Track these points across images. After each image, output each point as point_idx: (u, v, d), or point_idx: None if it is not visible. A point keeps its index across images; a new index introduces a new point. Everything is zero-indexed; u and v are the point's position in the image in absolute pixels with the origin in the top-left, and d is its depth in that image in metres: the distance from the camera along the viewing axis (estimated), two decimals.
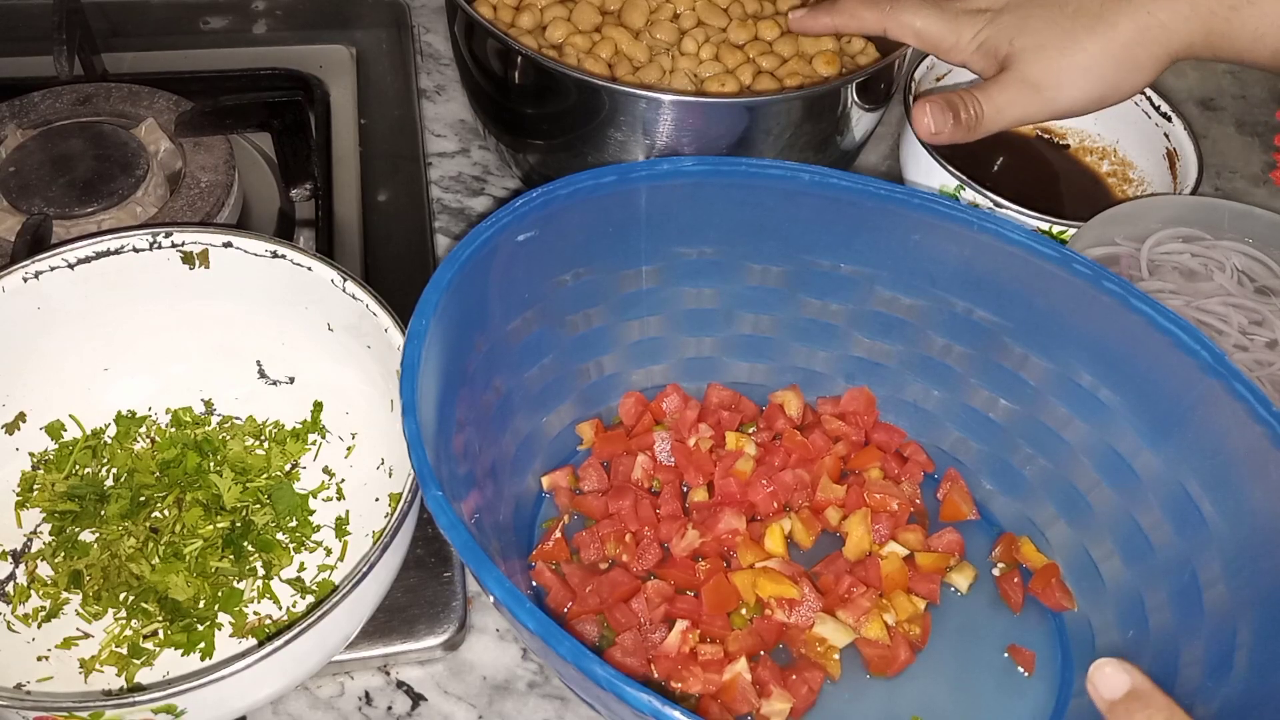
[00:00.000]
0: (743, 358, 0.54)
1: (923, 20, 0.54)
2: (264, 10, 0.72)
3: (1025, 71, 0.52)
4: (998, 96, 0.52)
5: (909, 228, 0.48)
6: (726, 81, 0.61)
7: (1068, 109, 0.53)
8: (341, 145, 0.64)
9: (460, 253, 0.42)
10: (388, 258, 0.60)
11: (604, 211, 0.47)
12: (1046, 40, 0.51)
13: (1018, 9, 0.53)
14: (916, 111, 0.54)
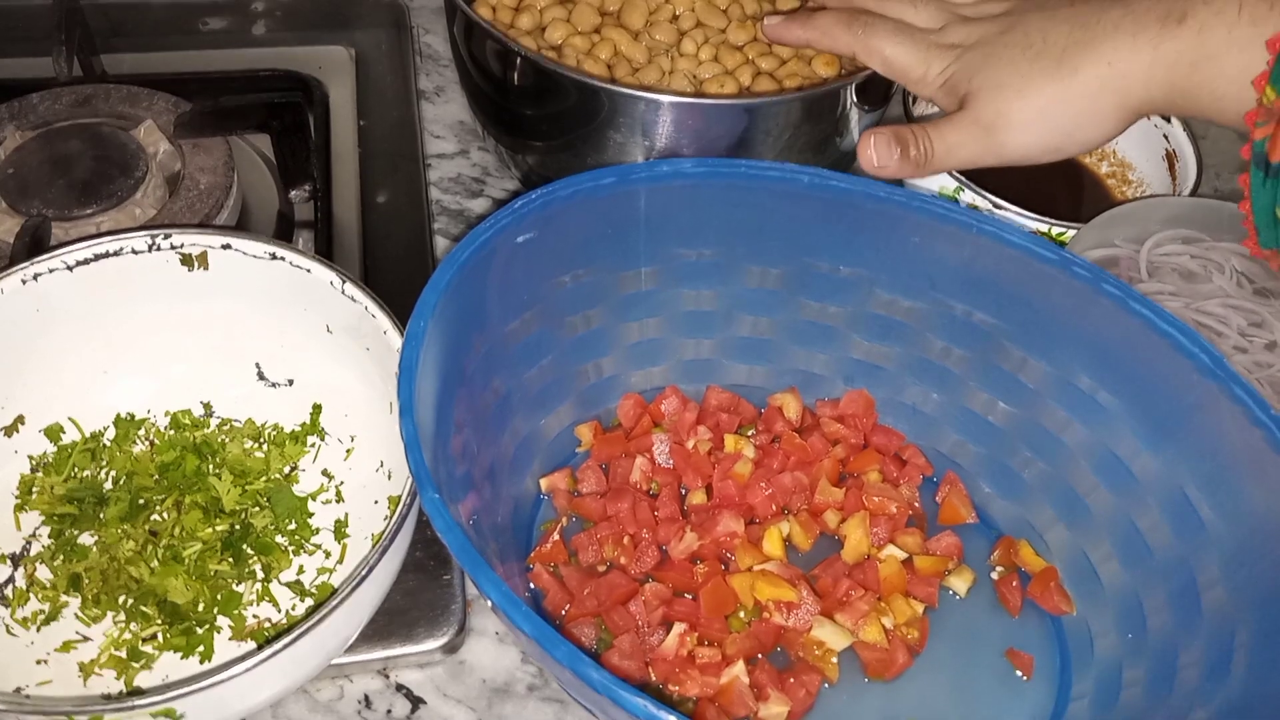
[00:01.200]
0: (742, 360, 0.54)
1: (893, 48, 0.53)
2: (263, 11, 0.72)
3: (980, 112, 0.50)
4: (949, 134, 0.51)
5: (908, 230, 0.48)
6: (725, 83, 0.61)
7: (1019, 155, 0.51)
8: (341, 146, 0.64)
9: (459, 254, 0.42)
10: (387, 259, 0.60)
11: (603, 213, 0.47)
12: (1004, 81, 0.49)
13: (984, 47, 0.51)
14: (862, 143, 0.52)
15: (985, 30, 0.51)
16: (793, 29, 0.56)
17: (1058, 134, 0.49)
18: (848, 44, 0.54)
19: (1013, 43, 0.50)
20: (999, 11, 0.53)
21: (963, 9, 0.54)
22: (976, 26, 0.52)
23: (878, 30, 0.53)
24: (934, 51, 0.52)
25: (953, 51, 0.52)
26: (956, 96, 0.51)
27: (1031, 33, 0.50)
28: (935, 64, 0.52)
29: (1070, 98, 0.48)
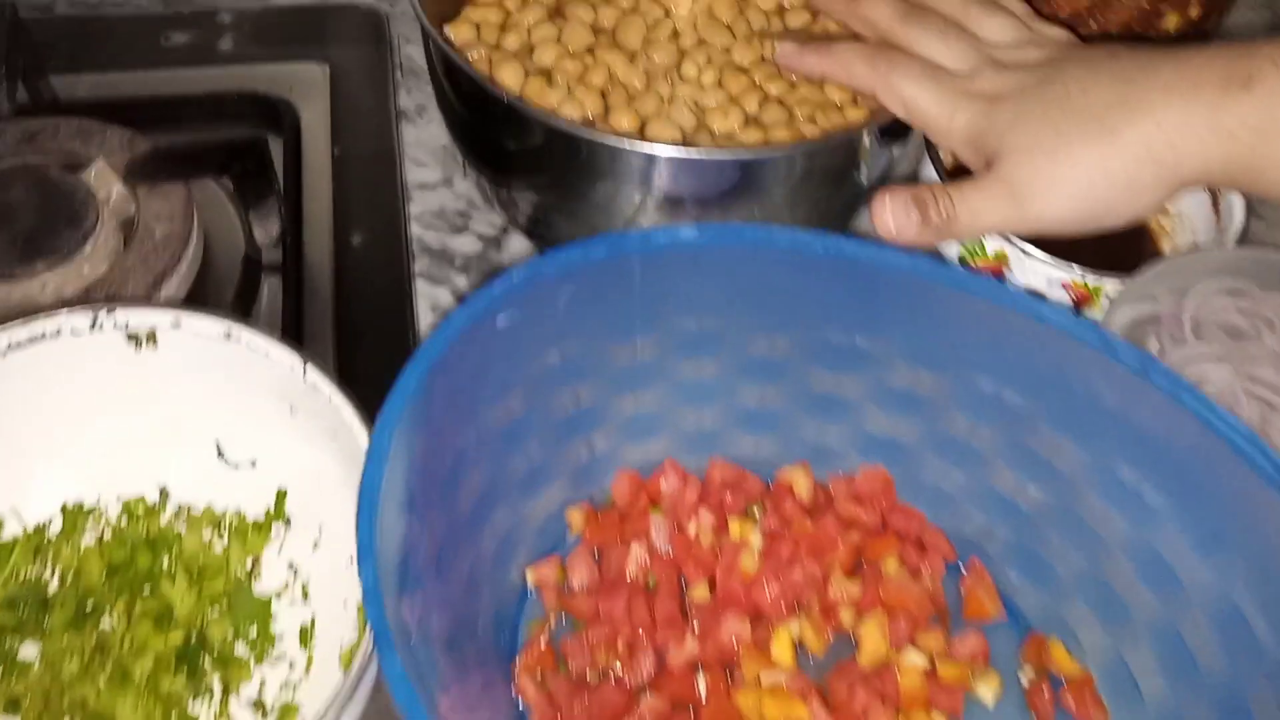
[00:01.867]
0: (747, 430, 0.50)
1: (917, 91, 0.47)
2: (230, 24, 0.66)
3: (1009, 175, 0.44)
4: (974, 198, 0.45)
5: (933, 303, 0.43)
6: (730, 112, 0.56)
7: (1050, 225, 0.45)
8: (313, 179, 0.59)
9: (430, 350, 0.38)
10: (363, 307, 0.55)
11: (593, 285, 0.43)
12: (1038, 142, 0.44)
13: (1018, 100, 0.45)
14: (876, 205, 0.46)
15: (1020, 80, 0.46)
16: (808, 59, 0.51)
17: (1096, 205, 0.44)
18: (868, 81, 0.49)
19: (1050, 98, 0.45)
20: (1037, 59, 0.47)
21: (998, 52, 0.48)
22: (1011, 75, 0.47)
23: (901, 69, 0.48)
24: (962, 100, 0.47)
25: (982, 101, 0.46)
26: (983, 154, 0.46)
27: (1071, 88, 0.45)
28: (962, 114, 0.46)
29: (1112, 166, 0.43)
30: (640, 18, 0.60)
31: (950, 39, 0.48)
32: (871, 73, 0.48)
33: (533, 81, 0.56)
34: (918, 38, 0.49)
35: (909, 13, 0.49)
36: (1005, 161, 0.45)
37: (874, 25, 0.51)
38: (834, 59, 0.50)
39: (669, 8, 0.62)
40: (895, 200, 0.46)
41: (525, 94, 0.56)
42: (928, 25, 0.49)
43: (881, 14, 0.50)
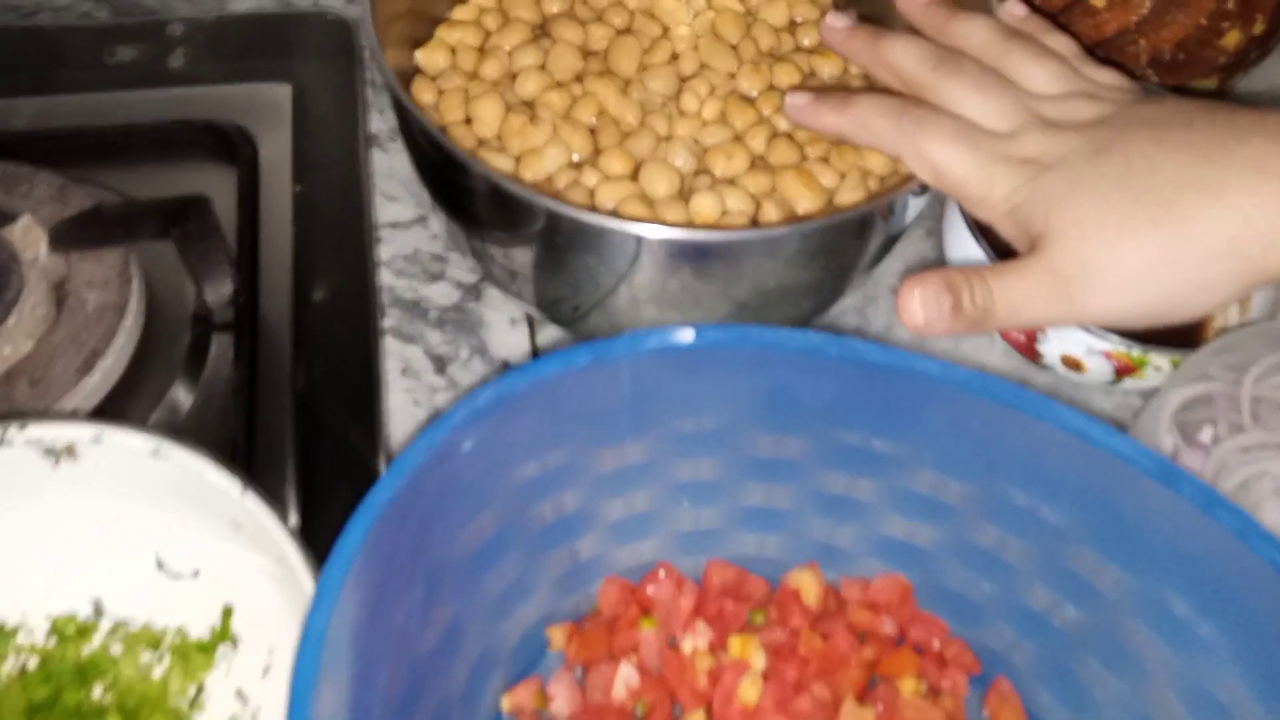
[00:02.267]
0: (750, 529, 0.44)
1: (949, 155, 0.41)
2: (182, 36, 0.60)
3: (1057, 261, 0.38)
4: (1015, 287, 0.39)
5: (963, 412, 0.38)
6: (734, 154, 0.50)
7: (1105, 319, 0.40)
8: (272, 222, 0.53)
9: (382, 492, 0.33)
10: (325, 375, 0.50)
11: (577, 393, 0.37)
12: (1094, 223, 0.38)
13: (1069, 170, 0.39)
14: (903, 295, 0.40)
15: (1072, 145, 0.40)
16: (823, 114, 0.45)
17: (1160, 301, 0.38)
18: (891, 142, 0.43)
19: (1108, 171, 0.38)
20: (1092, 117, 0.41)
21: (1045, 106, 0.42)
22: (1060, 138, 0.40)
23: (931, 129, 0.41)
24: (1001, 166, 0.40)
25: (1026, 169, 0.40)
26: (1027, 233, 0.40)
27: (1134, 160, 0.38)
28: (1002, 183, 0.40)
29: (1183, 258, 0.37)
30: (634, 39, 0.54)
31: (989, 91, 0.42)
32: (896, 132, 0.42)
33: (513, 119, 0.50)
34: (950, 90, 0.42)
35: (941, 59, 0.43)
36: (1053, 245, 0.39)
37: (899, 73, 0.44)
38: (852, 114, 0.43)
39: (667, 25, 0.55)
40: (926, 289, 0.39)
41: (505, 133, 0.50)
42: (962, 74, 0.42)
43: (908, 60, 0.44)
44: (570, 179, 0.49)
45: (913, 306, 0.40)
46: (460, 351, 0.52)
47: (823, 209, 0.49)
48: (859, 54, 0.46)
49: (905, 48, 0.44)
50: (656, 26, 0.55)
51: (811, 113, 0.45)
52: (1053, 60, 0.43)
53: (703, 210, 0.48)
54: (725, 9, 0.56)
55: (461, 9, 0.55)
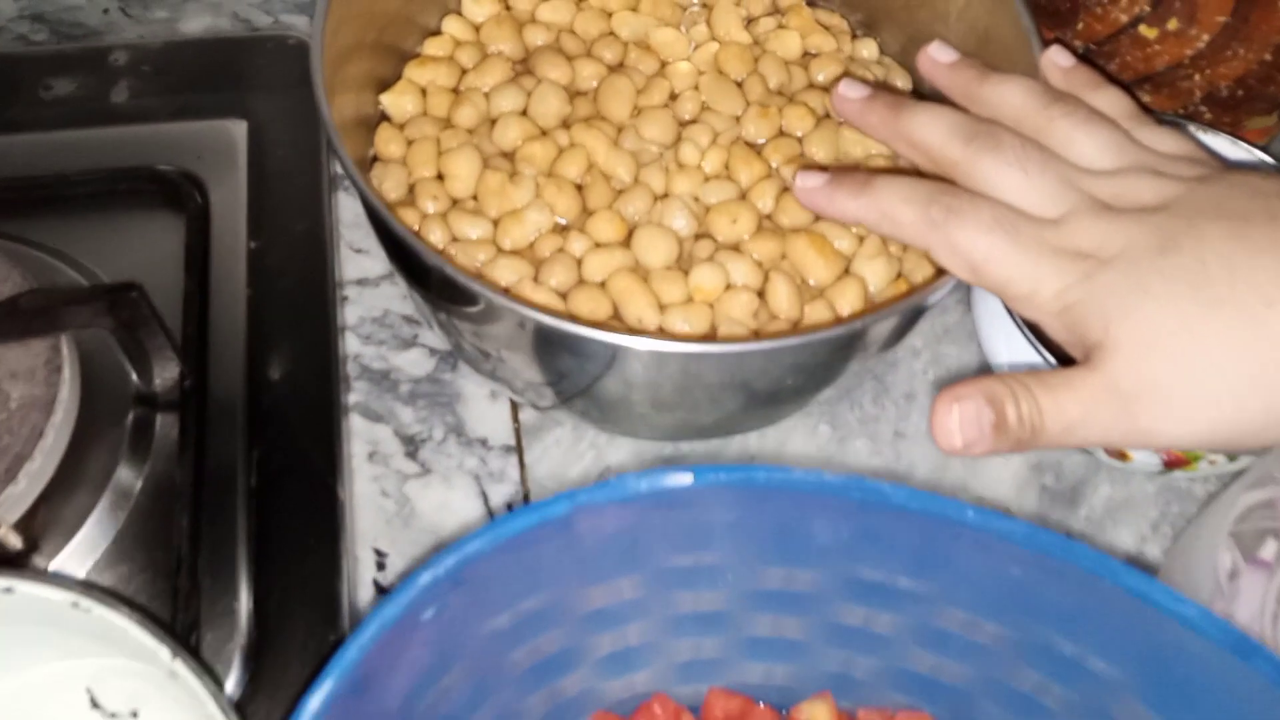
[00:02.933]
0: (756, 658, 0.40)
1: (987, 248, 0.35)
2: (126, 65, 0.54)
3: (1118, 376, 0.33)
4: (1069, 404, 0.34)
5: (1004, 559, 0.33)
6: (739, 215, 0.44)
7: (1174, 444, 0.34)
8: (224, 286, 0.48)
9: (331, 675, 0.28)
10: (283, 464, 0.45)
11: (555, 541, 0.32)
12: (1163, 337, 0.33)
13: (1130, 268, 0.33)
14: (939, 411, 0.34)
15: (1132, 236, 0.34)
16: (838, 201, 0.39)
17: (1239, 427, 0.33)
18: (918, 235, 0.37)
19: (1176, 272, 0.33)
20: (1154, 199, 0.35)
21: (1098, 184, 0.36)
22: (1118, 226, 0.35)
23: (965, 218, 0.36)
24: (1049, 260, 0.35)
25: (1079, 265, 0.34)
26: (1082, 340, 0.34)
27: (1209, 260, 0.33)
28: (1051, 280, 0.35)
29: (1269, 379, 0.32)
30: (627, 78, 0.48)
31: (1031, 168, 0.36)
32: (924, 224, 0.36)
33: (491, 177, 0.44)
34: (986, 169, 0.36)
35: (974, 132, 0.37)
36: (1114, 359, 0.33)
37: (926, 151, 0.38)
38: (872, 200, 0.37)
39: (665, 59, 0.50)
40: (966, 405, 0.34)
41: (482, 193, 0.44)
42: (1000, 150, 0.36)
43: (935, 135, 0.38)
44: (554, 246, 0.44)
45: (949, 426, 0.34)
46: (434, 431, 0.47)
47: (838, 280, 0.44)
48: (877, 129, 0.40)
49: (931, 120, 0.38)
50: (652, 61, 0.49)
51: (825, 199, 0.39)
52: (1104, 127, 0.37)
53: (704, 286, 0.43)
54: (730, 40, 0.50)
55: (434, 42, 0.49)
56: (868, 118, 0.40)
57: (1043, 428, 0.34)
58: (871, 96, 0.41)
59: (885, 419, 0.49)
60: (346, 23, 0.44)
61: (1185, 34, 0.48)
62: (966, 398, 0.34)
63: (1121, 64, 0.50)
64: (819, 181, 0.39)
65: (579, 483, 0.47)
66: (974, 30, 0.46)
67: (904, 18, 0.50)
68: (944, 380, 0.50)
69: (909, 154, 0.39)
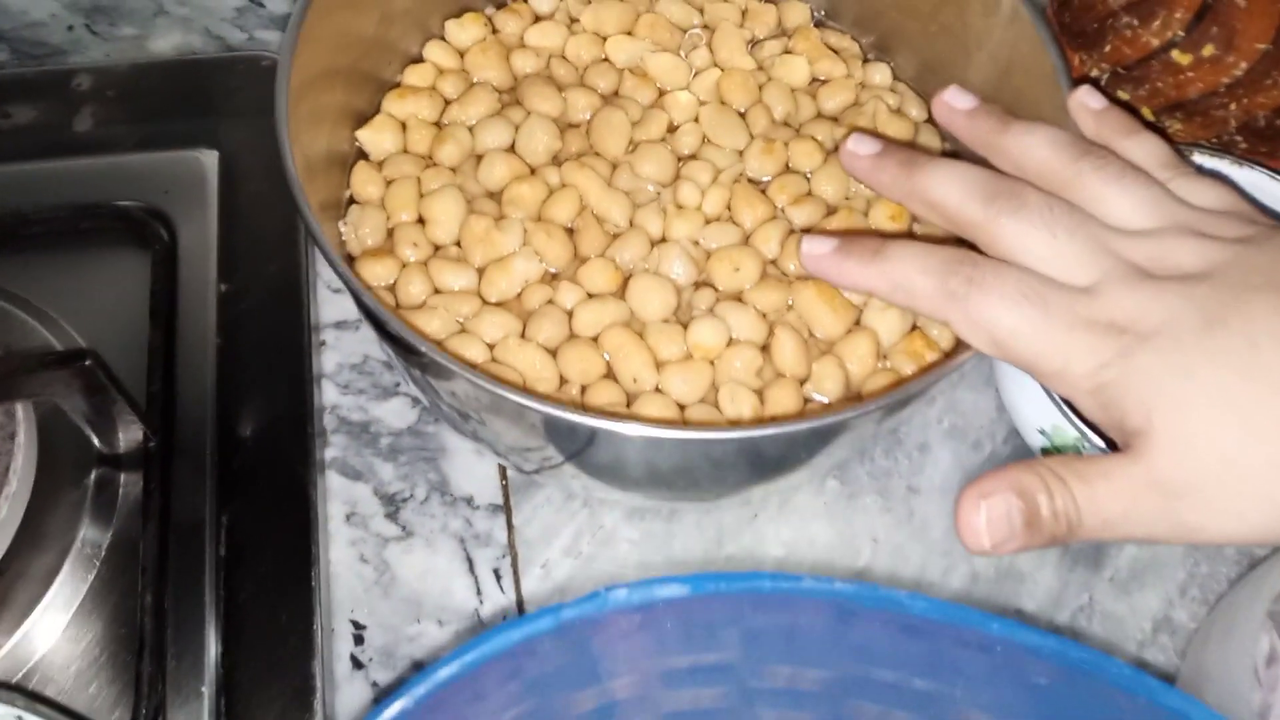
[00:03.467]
0: None
1: (1012, 322, 0.32)
2: (90, 90, 0.50)
3: (1162, 470, 0.30)
4: (1108, 499, 0.31)
5: (1030, 669, 0.30)
6: (742, 262, 0.41)
7: (1225, 541, 0.31)
8: (192, 335, 0.45)
9: None
10: (254, 530, 0.42)
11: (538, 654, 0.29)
12: (1211, 427, 0.30)
13: (1174, 346, 0.30)
14: (965, 510, 0.31)
15: (1173, 309, 0.31)
16: (848, 270, 0.35)
17: None
18: (936, 307, 0.33)
19: (1225, 354, 0.30)
20: (1195, 266, 0.32)
21: (1131, 246, 0.33)
22: (1157, 296, 0.31)
23: (987, 290, 0.32)
24: (1081, 335, 0.31)
25: (1115, 340, 0.31)
26: (1120, 424, 0.31)
27: (1261, 340, 0.29)
28: (1083, 356, 0.31)
29: None
30: (622, 111, 0.45)
31: (1059, 230, 0.33)
32: (943, 296, 0.33)
33: (475, 223, 0.41)
34: (1009, 232, 0.33)
35: (995, 192, 0.34)
36: (1156, 450, 0.30)
37: (943, 212, 0.35)
38: (885, 270, 0.34)
39: (663, 87, 0.46)
40: (994, 502, 0.31)
41: (465, 239, 0.41)
42: (1024, 211, 0.33)
43: (952, 194, 0.34)
44: (543, 297, 0.41)
45: (976, 526, 0.31)
46: (416, 489, 0.44)
47: (848, 333, 0.41)
48: (890, 188, 0.37)
49: (947, 178, 0.34)
50: (649, 90, 0.46)
51: (833, 267, 0.35)
52: (1139, 181, 0.34)
53: (704, 343, 0.40)
54: (733, 67, 0.47)
55: (415, 70, 0.46)
56: (879, 176, 0.37)
57: (1079, 523, 0.31)
58: (882, 153, 0.37)
59: (898, 472, 0.46)
60: (319, 48, 0.41)
61: (1222, 61, 0.45)
62: (994, 493, 0.31)
63: (1152, 90, 0.47)
64: (827, 248, 0.35)
65: (571, 545, 0.44)
66: (995, 61, 0.42)
67: (920, 43, 0.46)
68: (960, 429, 0.47)
69: (926, 215, 0.36)
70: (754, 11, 0.49)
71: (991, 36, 0.42)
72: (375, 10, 0.44)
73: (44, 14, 0.54)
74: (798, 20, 0.49)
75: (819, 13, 0.49)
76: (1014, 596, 0.44)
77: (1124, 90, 0.48)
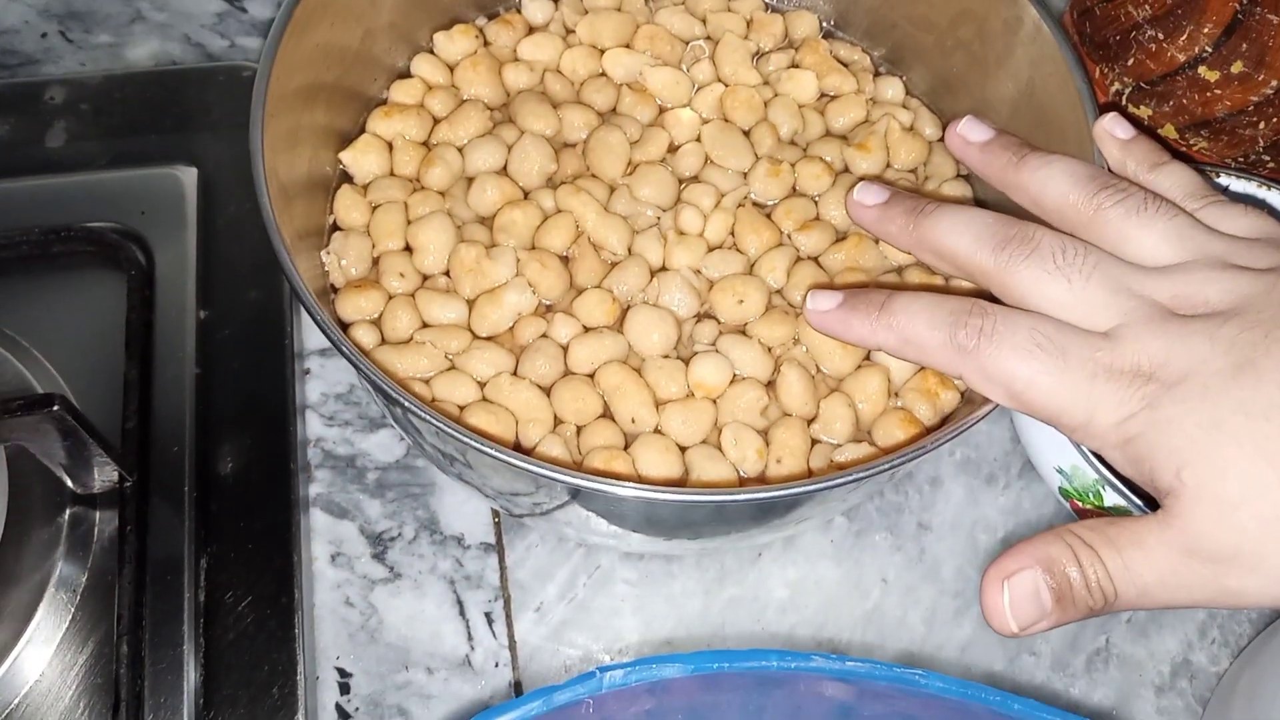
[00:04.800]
0: None
1: (1027, 374, 0.30)
2: (63, 105, 0.48)
3: (1199, 533, 0.28)
4: (1143, 568, 0.28)
5: None
6: (747, 294, 0.39)
7: (1274, 604, 0.29)
8: (169, 366, 0.43)
9: None
10: (234, 572, 0.40)
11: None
12: (1245, 483, 0.27)
13: (1203, 395, 0.28)
14: (988, 591, 0.29)
15: (1198, 353, 0.29)
16: (854, 326, 0.33)
17: None
18: (947, 361, 0.31)
19: (1256, 403, 0.27)
20: (1225, 302, 0.29)
21: (1155, 285, 0.30)
22: (1182, 339, 0.29)
23: (1000, 342, 0.30)
24: (1104, 385, 0.29)
25: (1140, 390, 0.29)
26: (1151, 480, 0.29)
27: None
28: (1108, 408, 0.29)
29: None
30: (620, 130, 0.42)
31: (1074, 275, 0.30)
32: (952, 350, 0.31)
33: (465, 252, 0.39)
34: (1024, 278, 0.31)
35: (1006, 237, 0.31)
36: (1190, 510, 0.28)
37: (953, 260, 0.33)
38: (890, 325, 0.32)
39: (664, 104, 0.44)
40: (1021, 579, 0.29)
41: (455, 269, 0.39)
42: (1037, 255, 0.31)
43: (961, 241, 0.32)
44: (537, 331, 0.39)
45: (1000, 608, 0.29)
46: (405, 527, 0.42)
47: (858, 369, 0.39)
48: (898, 238, 0.35)
49: (956, 227, 0.32)
50: (649, 107, 0.44)
51: (839, 324, 0.33)
52: (1162, 214, 0.32)
53: (706, 381, 0.38)
54: (737, 82, 0.44)
55: (401, 86, 0.43)
56: (886, 226, 0.35)
57: (1115, 595, 0.29)
58: (889, 202, 0.35)
59: (908, 508, 0.44)
60: (299, 64, 0.39)
61: (1251, 79, 0.43)
62: (1018, 571, 0.29)
63: (1177, 106, 0.45)
64: (832, 304, 0.33)
65: (566, 587, 0.42)
66: (1016, 80, 0.40)
67: (935, 58, 0.44)
68: (972, 463, 0.45)
69: (936, 264, 0.34)
70: (759, 22, 0.46)
71: (1012, 54, 0.40)
72: (359, 23, 0.41)
73: (16, 20, 0.52)
74: (805, 31, 0.46)
75: (828, 23, 0.47)
76: (1028, 640, 0.42)
77: (1146, 106, 0.46)
